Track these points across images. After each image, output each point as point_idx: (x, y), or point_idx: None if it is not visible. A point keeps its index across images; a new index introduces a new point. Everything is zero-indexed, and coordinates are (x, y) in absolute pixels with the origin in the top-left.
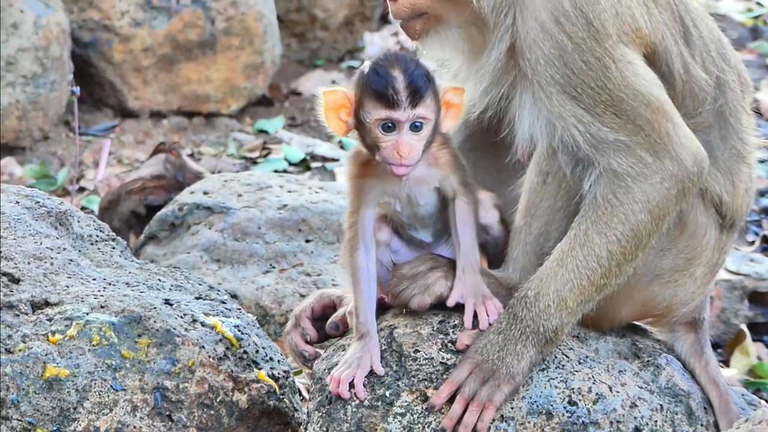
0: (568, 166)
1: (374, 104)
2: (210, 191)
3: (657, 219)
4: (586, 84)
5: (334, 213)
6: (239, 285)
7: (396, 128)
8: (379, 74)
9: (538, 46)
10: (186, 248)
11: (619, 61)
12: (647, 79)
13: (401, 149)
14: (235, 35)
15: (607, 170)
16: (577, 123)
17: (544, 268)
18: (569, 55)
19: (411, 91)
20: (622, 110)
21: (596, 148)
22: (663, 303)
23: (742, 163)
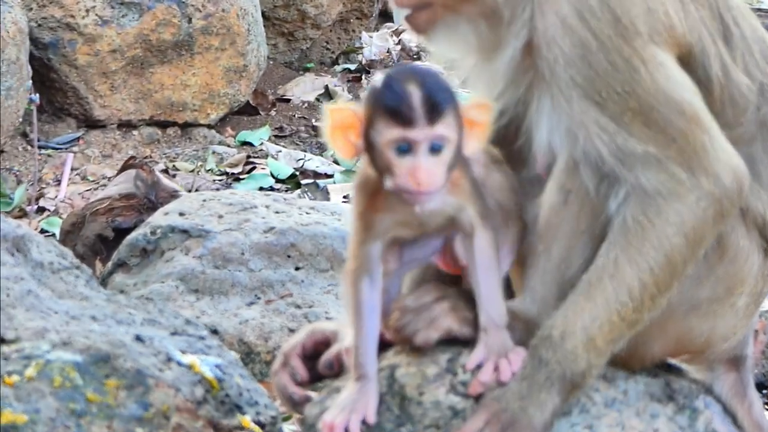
0: (592, 181)
1: (386, 122)
2: (187, 212)
3: (693, 243)
4: (611, 88)
5: (327, 237)
6: (220, 319)
7: (412, 150)
8: (393, 88)
9: (558, 43)
10: (160, 277)
11: (650, 63)
12: (681, 83)
13: (419, 175)
14: (215, 35)
15: (635, 188)
16: (601, 132)
17: (569, 303)
18: (593, 54)
19: (429, 107)
20: (653, 119)
21: (623, 162)
22: (700, 337)
23: None
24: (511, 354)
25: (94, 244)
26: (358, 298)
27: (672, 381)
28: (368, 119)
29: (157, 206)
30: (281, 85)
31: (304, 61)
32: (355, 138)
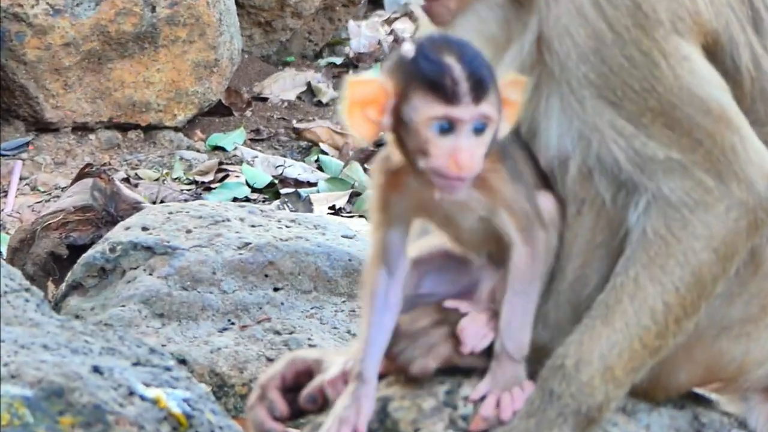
0: (608, 191)
1: (426, 98)
2: (150, 226)
3: (723, 259)
4: (628, 86)
5: (310, 253)
6: (189, 347)
7: (454, 130)
8: (432, 59)
9: (571, 35)
10: (120, 300)
11: (672, 57)
12: (707, 79)
13: (461, 157)
14: (182, 25)
15: (657, 198)
16: (617, 136)
17: (583, 328)
18: (608, 48)
19: (475, 82)
20: (676, 120)
21: (642, 169)
22: (733, 363)
23: None
24: (516, 389)
25: (46, 264)
26: (369, 288)
27: (700, 414)
28: (401, 93)
29: (116, 220)
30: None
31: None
32: (377, 115)
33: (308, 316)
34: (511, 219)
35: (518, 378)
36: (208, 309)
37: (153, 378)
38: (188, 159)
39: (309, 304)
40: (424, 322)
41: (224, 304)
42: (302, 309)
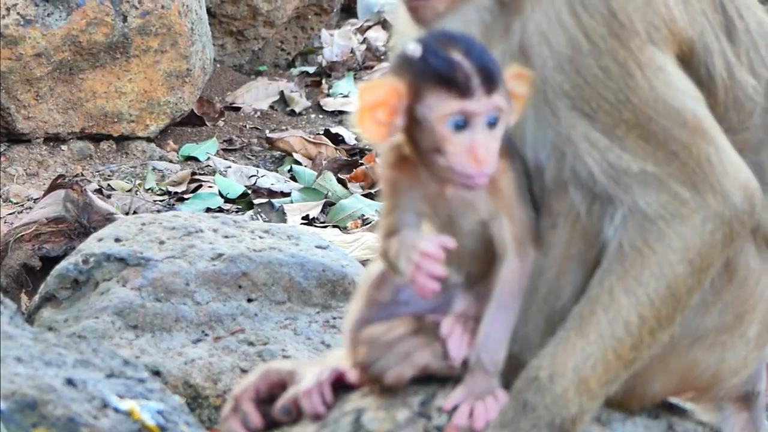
0: (583, 204)
1: (440, 95)
2: (123, 237)
3: (699, 271)
4: (603, 97)
5: (283, 264)
6: (163, 358)
7: (469, 125)
8: (440, 56)
9: (549, 42)
10: (93, 312)
11: (647, 68)
12: (683, 90)
13: (479, 152)
14: (154, 35)
15: (633, 210)
16: (592, 149)
17: (558, 340)
18: (584, 58)
19: (485, 75)
20: (651, 132)
21: (617, 182)
22: (707, 372)
23: None
24: (489, 398)
25: (19, 275)
26: None
27: (675, 423)
28: (413, 93)
29: (89, 231)
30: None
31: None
32: (387, 117)
33: (282, 327)
34: (510, 227)
35: (492, 389)
36: (181, 320)
37: (127, 390)
38: (161, 169)
39: (283, 315)
40: (398, 331)
41: (198, 315)
42: (276, 320)
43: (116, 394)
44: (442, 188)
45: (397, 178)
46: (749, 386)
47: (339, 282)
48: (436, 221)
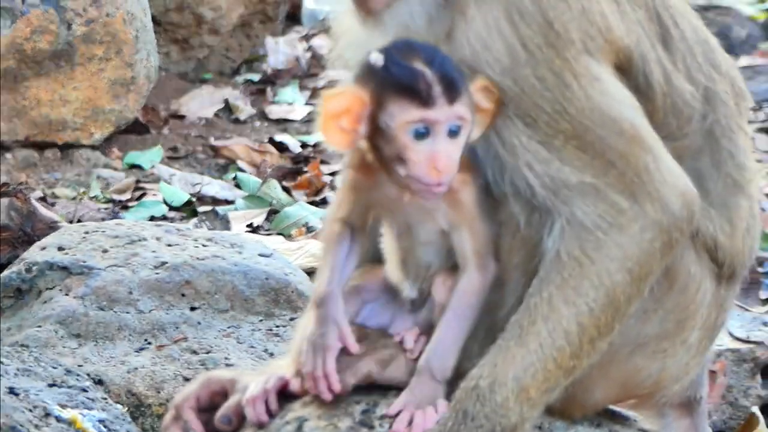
0: (522, 214)
1: (401, 103)
2: (67, 246)
3: (638, 279)
4: (540, 108)
5: (227, 272)
6: (105, 367)
7: (430, 133)
8: (402, 65)
9: (488, 50)
10: (36, 320)
11: (583, 77)
12: (619, 99)
13: (439, 160)
14: (99, 43)
15: (571, 220)
16: (532, 160)
17: (498, 349)
18: (521, 67)
19: (447, 83)
20: (588, 142)
21: (556, 193)
22: (649, 379)
23: (740, 195)
24: (430, 408)
25: None
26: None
27: (617, 431)
28: (375, 101)
29: (33, 240)
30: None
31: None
32: (351, 124)
33: (225, 335)
34: (471, 239)
35: (435, 397)
36: (124, 329)
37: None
38: (105, 177)
39: (226, 324)
40: None
41: (141, 323)
42: (219, 328)
43: (58, 403)
44: (400, 195)
45: (358, 180)
46: (691, 392)
47: (282, 290)
48: (394, 227)
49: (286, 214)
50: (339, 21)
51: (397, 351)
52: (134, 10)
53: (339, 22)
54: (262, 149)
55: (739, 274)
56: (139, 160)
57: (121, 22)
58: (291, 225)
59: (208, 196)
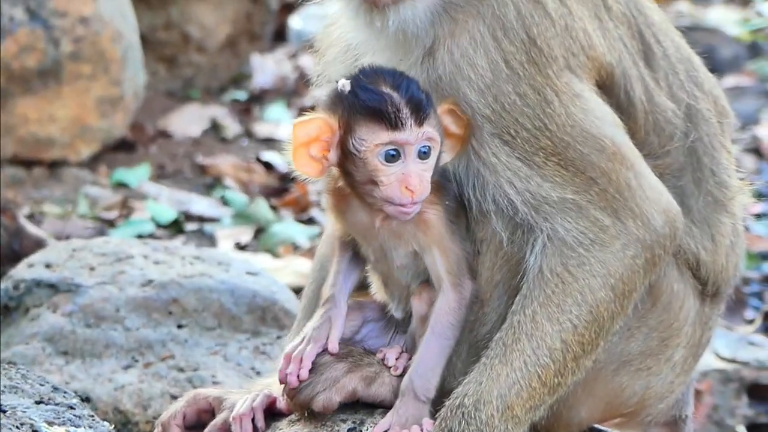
0: (505, 231)
1: (371, 127)
2: (54, 263)
3: (621, 296)
4: (520, 124)
5: (214, 290)
6: (93, 384)
7: (401, 156)
8: (369, 90)
9: (472, 65)
10: (23, 338)
11: (564, 94)
12: (600, 116)
13: (410, 181)
14: (86, 61)
15: (553, 237)
16: (512, 176)
17: (482, 367)
18: (502, 83)
19: (414, 105)
20: (569, 159)
21: (537, 210)
22: (633, 398)
23: (722, 213)
24: (414, 427)
25: None
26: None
27: None
28: (345, 127)
29: (20, 257)
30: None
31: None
32: (320, 152)
33: (212, 353)
34: (443, 260)
35: (420, 417)
36: (111, 346)
37: (56, 416)
38: (92, 195)
39: (213, 341)
40: (327, 357)
41: (128, 341)
42: (206, 346)
43: (45, 420)
44: (372, 220)
45: (334, 205)
46: (676, 411)
47: (269, 308)
48: (370, 253)
49: (273, 232)
50: (327, 33)
51: (381, 368)
52: (122, 28)
53: (327, 34)
54: (249, 168)
55: (724, 292)
56: (127, 177)
57: (108, 41)
58: (278, 243)
59: (195, 214)
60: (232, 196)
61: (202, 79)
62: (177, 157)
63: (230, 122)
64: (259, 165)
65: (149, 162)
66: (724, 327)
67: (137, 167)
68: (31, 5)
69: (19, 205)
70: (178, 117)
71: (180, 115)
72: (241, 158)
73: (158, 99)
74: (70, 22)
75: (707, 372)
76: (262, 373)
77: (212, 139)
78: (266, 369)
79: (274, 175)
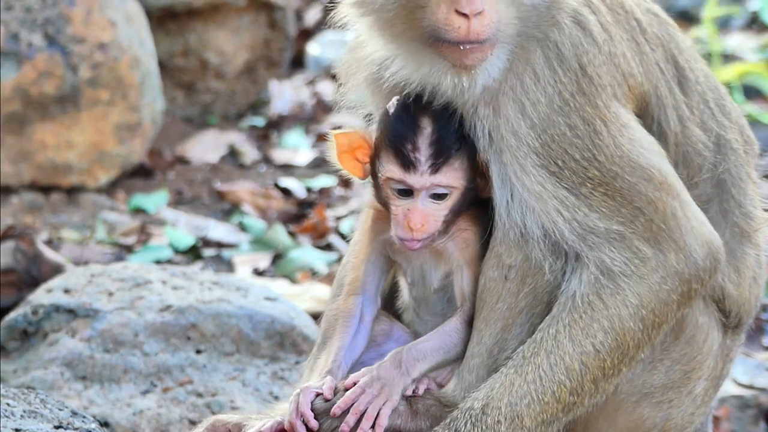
0: (546, 259)
1: (389, 159)
2: (73, 289)
3: (650, 327)
4: (569, 155)
5: (232, 315)
6: (111, 409)
7: (412, 193)
8: (402, 122)
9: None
10: (42, 363)
11: (612, 124)
12: (646, 146)
13: (412, 220)
14: (104, 87)
15: (593, 266)
16: (560, 206)
17: (498, 375)
18: (555, 115)
19: (434, 152)
20: (616, 189)
21: (584, 240)
22: (654, 429)
23: (747, 245)
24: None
25: None
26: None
27: None
28: (376, 147)
29: (39, 282)
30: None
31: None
32: (364, 158)
33: (231, 378)
34: (469, 280)
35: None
36: (130, 371)
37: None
38: (111, 221)
39: (231, 367)
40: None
41: (146, 366)
42: (224, 371)
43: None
44: None
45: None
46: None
47: (287, 334)
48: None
49: (291, 258)
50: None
51: None
52: (140, 54)
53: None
54: (267, 194)
55: (745, 323)
56: (145, 203)
57: (126, 67)
58: (296, 269)
59: (213, 240)
60: (250, 221)
61: (220, 105)
62: (195, 183)
63: (248, 148)
64: (277, 191)
65: (167, 188)
66: (742, 353)
67: (155, 193)
68: (50, 31)
69: (38, 231)
70: (196, 143)
71: (198, 141)
72: (259, 184)
73: (176, 125)
74: (89, 48)
75: (725, 398)
76: (280, 398)
77: (230, 165)
78: (284, 394)
79: (292, 201)
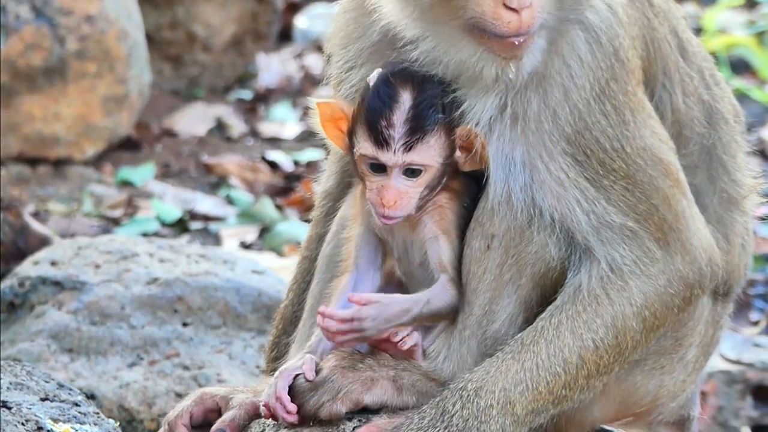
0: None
1: (363, 135)
2: (59, 261)
3: (649, 329)
4: (599, 145)
5: (219, 288)
6: (98, 382)
7: (385, 170)
8: (380, 97)
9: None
10: (29, 335)
11: (639, 114)
12: (663, 139)
13: (385, 196)
14: (92, 59)
15: (604, 261)
16: (580, 196)
17: (494, 359)
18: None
19: (409, 129)
20: (637, 183)
21: (598, 233)
22: (647, 397)
23: (735, 211)
24: None
25: None
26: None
27: None
28: (353, 120)
29: (25, 254)
30: (167, 117)
31: (194, 88)
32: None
33: (217, 351)
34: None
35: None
36: (116, 344)
37: (61, 413)
38: (98, 194)
39: (218, 340)
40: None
41: (133, 339)
42: (211, 344)
43: (50, 417)
44: None
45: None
46: (684, 410)
47: (274, 307)
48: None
49: (278, 231)
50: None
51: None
52: (127, 26)
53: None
54: (254, 167)
55: (734, 290)
56: (132, 176)
57: (114, 39)
58: (283, 242)
59: (200, 213)
60: (237, 195)
61: (207, 78)
62: (182, 156)
63: (235, 121)
64: (264, 164)
65: (154, 161)
66: (730, 329)
67: (142, 166)
68: (37, 3)
69: (24, 203)
70: (183, 116)
71: (185, 114)
72: (247, 157)
73: (163, 98)
74: (76, 20)
75: (712, 373)
76: None
77: (217, 138)
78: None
79: (279, 175)
